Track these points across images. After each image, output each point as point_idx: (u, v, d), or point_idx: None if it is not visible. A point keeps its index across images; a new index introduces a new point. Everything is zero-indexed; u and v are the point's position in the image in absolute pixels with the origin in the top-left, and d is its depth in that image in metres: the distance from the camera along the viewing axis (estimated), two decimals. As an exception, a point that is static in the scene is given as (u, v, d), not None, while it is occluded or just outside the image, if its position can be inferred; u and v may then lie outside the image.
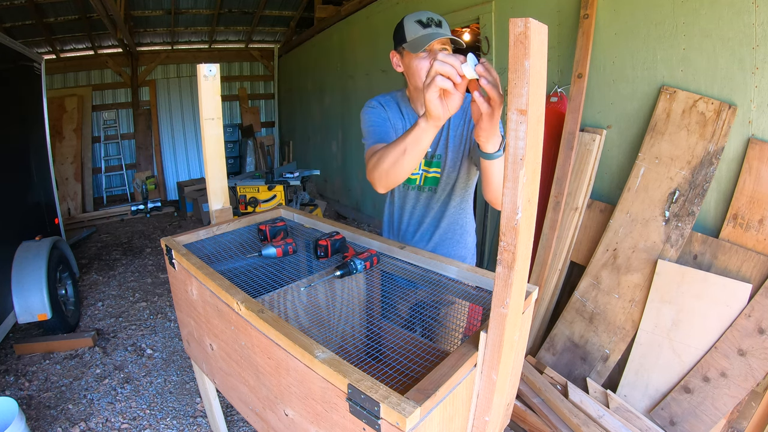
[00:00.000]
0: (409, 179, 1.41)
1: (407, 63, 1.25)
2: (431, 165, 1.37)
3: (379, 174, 1.09)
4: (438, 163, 1.36)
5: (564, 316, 2.21)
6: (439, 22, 1.20)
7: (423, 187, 1.41)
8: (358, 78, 4.94)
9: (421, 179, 1.40)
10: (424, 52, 1.19)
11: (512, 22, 0.58)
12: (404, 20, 1.23)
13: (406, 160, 1.01)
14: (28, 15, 5.11)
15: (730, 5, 1.69)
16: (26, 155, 3.10)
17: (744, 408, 1.66)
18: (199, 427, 2.01)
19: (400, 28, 1.23)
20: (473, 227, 1.49)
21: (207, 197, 1.65)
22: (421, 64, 1.21)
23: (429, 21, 1.19)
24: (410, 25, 1.20)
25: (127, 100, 6.87)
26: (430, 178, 1.39)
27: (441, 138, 1.34)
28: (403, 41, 1.22)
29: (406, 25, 1.21)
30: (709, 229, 1.85)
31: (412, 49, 1.19)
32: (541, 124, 0.64)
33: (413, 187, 1.42)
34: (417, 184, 1.42)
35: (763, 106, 1.66)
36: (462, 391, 0.78)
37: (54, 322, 2.63)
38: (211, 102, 1.54)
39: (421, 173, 1.40)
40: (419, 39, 1.18)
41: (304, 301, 1.21)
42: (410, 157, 1.00)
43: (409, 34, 1.20)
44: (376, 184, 1.14)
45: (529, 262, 0.75)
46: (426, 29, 1.18)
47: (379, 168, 1.08)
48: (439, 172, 1.37)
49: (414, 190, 1.43)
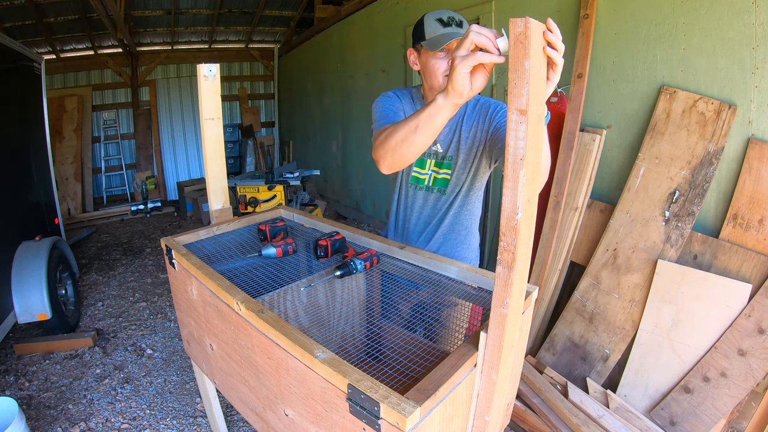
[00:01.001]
0: (417, 179, 1.40)
1: (424, 61, 1.23)
2: (442, 166, 1.36)
3: (384, 151, 1.03)
4: (449, 164, 1.34)
5: (564, 316, 2.21)
6: (460, 22, 1.18)
7: (432, 188, 1.39)
8: (358, 78, 4.94)
9: (430, 180, 1.38)
10: (443, 51, 1.18)
11: (512, 22, 0.59)
12: (424, 17, 1.21)
13: (417, 138, 0.95)
14: (28, 15, 5.11)
15: (730, 5, 1.69)
16: (26, 155, 3.10)
17: (744, 408, 1.66)
18: (199, 427, 2.01)
19: (420, 25, 1.21)
20: (477, 227, 1.48)
21: (207, 197, 1.65)
22: (438, 63, 1.19)
23: (450, 20, 1.17)
24: (430, 23, 1.18)
25: (127, 100, 6.87)
26: (439, 179, 1.37)
27: (453, 139, 1.33)
28: (421, 39, 1.20)
29: (426, 23, 1.19)
30: (709, 229, 1.85)
31: (430, 47, 1.17)
32: (541, 124, 0.64)
33: (421, 187, 1.41)
34: (426, 184, 1.40)
35: (763, 106, 1.66)
36: (462, 391, 0.78)
37: (54, 322, 2.63)
38: (211, 102, 1.54)
39: (431, 173, 1.38)
40: (439, 37, 1.16)
41: (304, 301, 1.21)
42: (422, 135, 0.94)
43: (429, 32, 1.18)
44: (381, 162, 1.07)
45: (529, 262, 0.75)
46: (446, 28, 1.16)
47: (386, 145, 1.02)
48: (449, 173, 1.35)
49: (422, 191, 1.41)
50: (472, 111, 1.31)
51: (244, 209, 3.71)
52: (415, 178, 1.41)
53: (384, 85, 4.23)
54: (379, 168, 1.09)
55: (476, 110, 1.30)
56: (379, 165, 1.08)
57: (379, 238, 1.41)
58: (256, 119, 7.67)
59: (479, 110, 1.29)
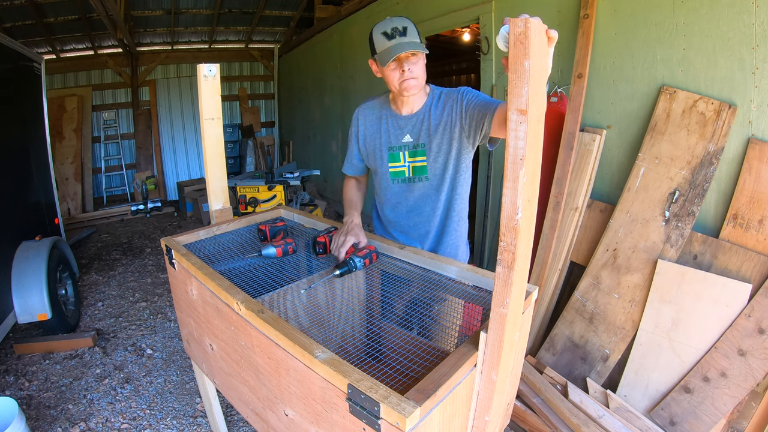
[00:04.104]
0: (396, 173, 1.46)
1: (382, 71, 1.34)
2: (416, 154, 1.41)
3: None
4: (423, 151, 1.40)
5: (564, 316, 2.21)
6: (404, 29, 1.26)
7: (413, 177, 1.44)
8: (358, 78, 4.93)
9: (409, 171, 1.44)
10: (394, 62, 1.28)
11: (512, 22, 0.58)
12: (373, 31, 1.30)
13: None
14: (28, 15, 5.11)
15: (730, 5, 1.69)
16: (26, 155, 3.10)
17: (744, 408, 1.66)
18: (199, 427, 2.01)
19: (371, 39, 1.31)
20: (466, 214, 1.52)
21: (207, 197, 1.65)
22: (391, 74, 1.31)
23: (393, 31, 1.26)
24: (377, 37, 1.28)
25: (127, 100, 6.87)
26: (418, 167, 1.42)
27: (422, 127, 1.39)
28: (374, 52, 1.31)
29: (374, 37, 1.29)
30: (709, 229, 1.85)
31: (380, 62, 1.28)
32: (541, 124, 0.65)
33: (403, 179, 1.46)
34: (407, 176, 1.44)
35: (763, 106, 1.66)
36: (462, 391, 0.78)
37: (54, 322, 2.63)
38: (211, 102, 1.54)
39: (407, 165, 1.43)
40: (385, 53, 1.26)
41: (304, 301, 1.21)
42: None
43: (378, 46, 1.28)
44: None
45: (529, 262, 0.75)
46: (391, 41, 1.25)
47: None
48: (425, 159, 1.40)
49: (404, 183, 1.46)
50: (438, 100, 1.39)
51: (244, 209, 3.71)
52: (394, 173, 1.47)
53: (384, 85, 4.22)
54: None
55: (441, 98, 1.39)
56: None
57: (379, 237, 1.41)
58: (256, 119, 7.67)
59: (445, 97, 1.38)
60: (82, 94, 6.28)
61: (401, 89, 1.31)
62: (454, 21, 3.16)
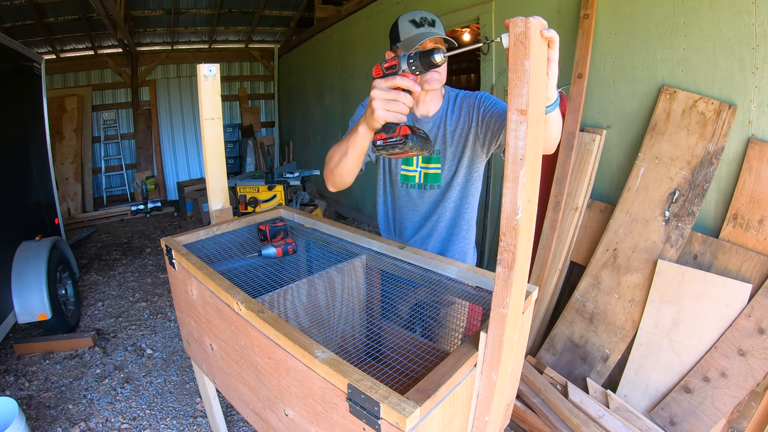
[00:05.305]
0: (407, 177, 1.41)
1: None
2: (430, 161, 1.37)
3: (328, 171, 1.20)
4: (438, 158, 1.37)
5: (564, 316, 2.21)
6: (433, 21, 1.23)
7: (424, 184, 1.40)
8: (358, 78, 4.93)
9: (420, 177, 1.40)
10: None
11: (512, 22, 0.59)
12: (399, 20, 1.26)
13: (348, 160, 1.11)
14: (28, 15, 5.11)
15: (730, 5, 1.69)
16: (26, 155, 3.10)
17: (744, 408, 1.66)
18: (199, 427, 2.01)
19: (395, 27, 1.26)
20: (475, 221, 1.49)
21: (207, 197, 1.65)
22: None
23: (422, 20, 1.22)
24: (404, 25, 1.24)
25: (127, 100, 6.87)
26: (431, 174, 1.39)
27: (439, 133, 1.35)
28: (397, 40, 1.25)
29: (400, 25, 1.25)
30: (709, 229, 1.85)
31: (405, 47, 1.21)
32: (541, 124, 0.64)
33: (413, 185, 1.42)
34: (417, 181, 1.41)
35: (763, 106, 1.66)
36: (462, 391, 0.78)
37: (54, 322, 2.63)
38: (211, 102, 1.54)
39: (420, 170, 1.40)
40: (412, 38, 1.20)
41: (304, 301, 1.21)
42: (352, 158, 1.10)
43: (403, 33, 1.23)
44: (326, 182, 1.25)
45: (529, 262, 0.75)
46: (419, 28, 1.21)
47: (327, 166, 1.19)
48: (439, 167, 1.37)
49: (414, 189, 1.42)
50: (453, 104, 1.35)
51: (244, 209, 3.71)
52: (404, 177, 1.42)
53: (384, 85, 4.22)
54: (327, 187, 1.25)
55: (458, 102, 1.34)
56: (326, 184, 1.25)
57: (379, 238, 1.41)
58: (256, 119, 7.67)
59: (461, 101, 1.34)
60: (82, 94, 6.28)
61: (422, 81, 1.26)
62: (454, 21, 3.16)
